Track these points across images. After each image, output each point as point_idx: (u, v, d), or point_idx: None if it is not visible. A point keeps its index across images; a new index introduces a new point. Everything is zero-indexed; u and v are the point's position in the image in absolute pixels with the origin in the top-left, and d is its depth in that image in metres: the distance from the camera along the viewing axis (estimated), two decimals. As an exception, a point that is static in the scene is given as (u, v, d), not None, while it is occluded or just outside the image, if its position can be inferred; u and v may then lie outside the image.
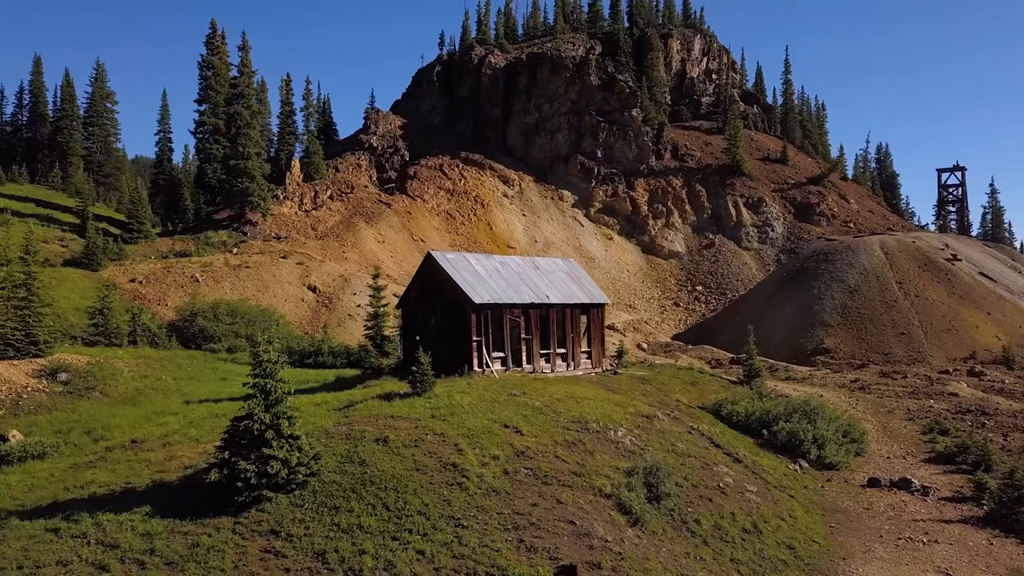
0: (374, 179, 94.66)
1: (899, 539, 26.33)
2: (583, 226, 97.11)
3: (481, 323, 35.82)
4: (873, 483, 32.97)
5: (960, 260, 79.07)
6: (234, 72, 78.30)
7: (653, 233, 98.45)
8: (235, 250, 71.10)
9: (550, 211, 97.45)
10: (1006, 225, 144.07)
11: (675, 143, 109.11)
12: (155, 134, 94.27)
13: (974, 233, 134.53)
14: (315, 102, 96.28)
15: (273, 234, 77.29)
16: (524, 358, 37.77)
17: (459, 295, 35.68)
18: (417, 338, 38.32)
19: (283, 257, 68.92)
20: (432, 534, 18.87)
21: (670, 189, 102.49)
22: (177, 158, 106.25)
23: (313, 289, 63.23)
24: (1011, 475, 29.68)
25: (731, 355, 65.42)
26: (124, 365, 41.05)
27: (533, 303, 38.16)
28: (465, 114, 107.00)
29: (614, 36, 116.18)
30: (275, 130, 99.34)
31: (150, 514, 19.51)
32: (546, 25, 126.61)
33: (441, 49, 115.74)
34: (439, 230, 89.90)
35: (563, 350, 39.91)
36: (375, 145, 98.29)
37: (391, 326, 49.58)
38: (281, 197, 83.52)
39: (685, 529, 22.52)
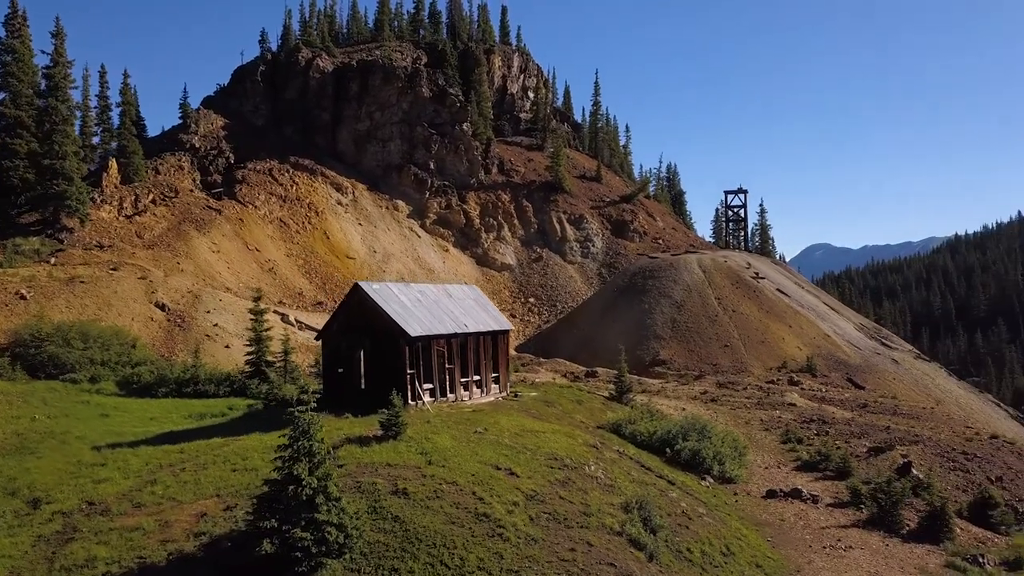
0: (198, 182, 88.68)
1: (824, 548, 30.29)
2: (420, 237, 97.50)
3: (413, 355, 35.89)
4: (771, 495, 37.18)
5: (763, 278, 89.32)
6: (46, 60, 70.06)
7: (486, 246, 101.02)
8: (52, 260, 63.83)
9: (386, 221, 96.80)
10: (771, 241, 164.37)
11: (501, 158, 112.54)
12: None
13: (748, 249, 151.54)
14: (132, 96, 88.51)
15: (95, 242, 70.19)
16: (448, 388, 38.30)
17: (392, 328, 35.44)
18: (340, 371, 37.60)
19: (114, 269, 63.03)
20: (501, 590, 19.35)
21: (500, 204, 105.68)
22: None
23: (162, 307, 58.53)
24: (888, 483, 35.02)
25: (584, 368, 69.35)
26: (-14, 404, 36.18)
27: (455, 333, 38.73)
28: (292, 117, 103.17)
29: (439, 48, 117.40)
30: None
31: (200, 594, 18.22)
32: (369, 31, 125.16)
33: (262, 47, 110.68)
34: (274, 239, 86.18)
35: (478, 377, 40.82)
36: (198, 146, 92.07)
37: (273, 352, 47.65)
38: (98, 200, 75.97)
39: (683, 558, 24.61)
